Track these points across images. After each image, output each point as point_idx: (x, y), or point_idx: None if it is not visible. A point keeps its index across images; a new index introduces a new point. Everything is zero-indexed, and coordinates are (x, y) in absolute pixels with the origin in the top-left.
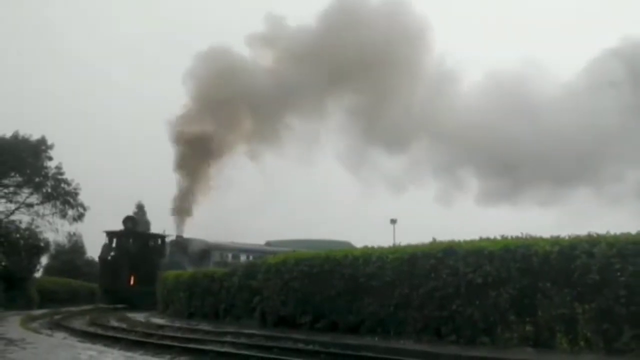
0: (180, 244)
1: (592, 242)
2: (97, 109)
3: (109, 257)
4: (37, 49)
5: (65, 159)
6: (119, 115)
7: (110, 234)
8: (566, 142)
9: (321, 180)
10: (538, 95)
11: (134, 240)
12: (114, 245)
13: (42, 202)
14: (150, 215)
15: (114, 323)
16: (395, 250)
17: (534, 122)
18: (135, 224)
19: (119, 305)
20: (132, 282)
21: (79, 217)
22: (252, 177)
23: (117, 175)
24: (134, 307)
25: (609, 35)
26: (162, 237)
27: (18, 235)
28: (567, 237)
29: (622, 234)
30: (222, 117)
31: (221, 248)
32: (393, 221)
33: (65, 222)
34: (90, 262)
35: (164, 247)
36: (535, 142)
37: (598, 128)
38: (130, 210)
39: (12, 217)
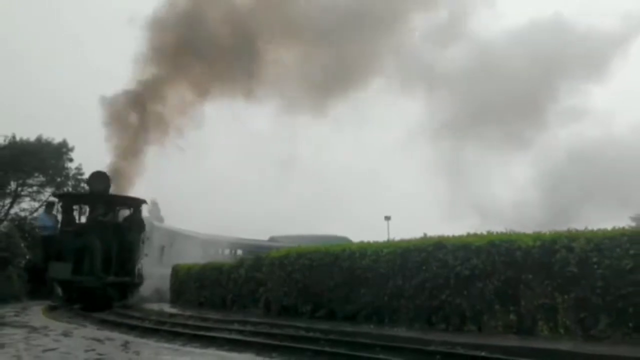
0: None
1: (571, 237)
2: None
3: (65, 233)
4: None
5: (84, 159)
6: None
7: (67, 199)
8: None
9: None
10: None
11: (104, 206)
12: (66, 215)
13: None
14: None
15: (130, 312)
16: (389, 244)
17: None
18: (107, 184)
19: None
20: (101, 269)
21: None
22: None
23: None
24: (104, 306)
25: None
26: (140, 202)
27: None
28: (548, 233)
29: (599, 230)
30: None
31: (170, 234)
32: (387, 218)
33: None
34: None
35: (141, 217)
36: None
37: None
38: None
39: (36, 214)
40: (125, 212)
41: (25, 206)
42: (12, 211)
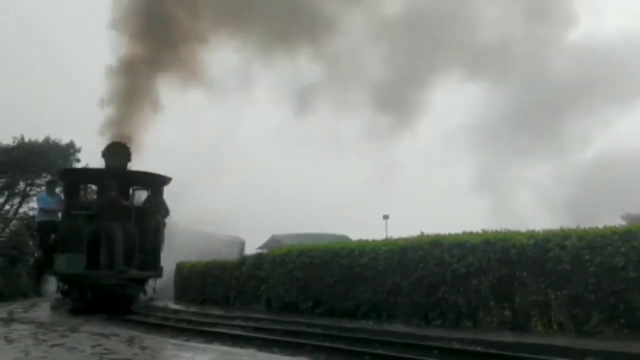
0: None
1: (564, 236)
2: None
3: (74, 217)
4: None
5: (91, 160)
6: None
7: (74, 176)
8: None
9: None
10: None
11: (121, 185)
12: (72, 195)
13: None
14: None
15: (136, 309)
16: (388, 242)
17: None
18: (127, 159)
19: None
20: (122, 261)
21: None
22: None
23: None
24: (124, 307)
25: None
26: (165, 180)
27: None
28: (541, 231)
29: (591, 228)
30: None
31: None
32: (385, 217)
33: None
34: None
35: (161, 197)
36: None
37: None
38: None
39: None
40: (142, 193)
41: (34, 205)
42: (21, 210)
